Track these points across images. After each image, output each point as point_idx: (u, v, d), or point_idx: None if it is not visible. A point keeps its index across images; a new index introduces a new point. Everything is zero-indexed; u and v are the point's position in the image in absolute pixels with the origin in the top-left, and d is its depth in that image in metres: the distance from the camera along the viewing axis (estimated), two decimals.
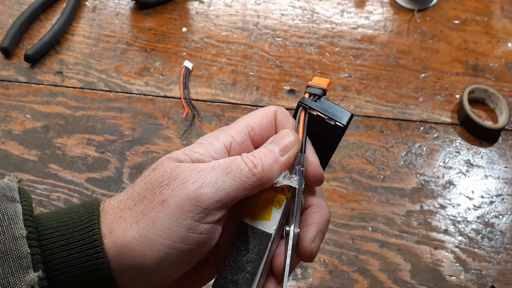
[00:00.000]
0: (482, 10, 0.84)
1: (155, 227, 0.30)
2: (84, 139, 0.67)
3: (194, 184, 0.31)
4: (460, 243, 0.62)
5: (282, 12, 0.82)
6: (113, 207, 0.32)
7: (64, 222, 0.32)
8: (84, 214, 0.32)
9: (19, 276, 0.29)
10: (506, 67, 0.78)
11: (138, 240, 0.31)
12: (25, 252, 0.30)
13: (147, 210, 0.31)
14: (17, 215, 0.31)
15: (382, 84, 0.75)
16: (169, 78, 0.73)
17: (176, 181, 0.31)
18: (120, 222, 0.31)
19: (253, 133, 0.35)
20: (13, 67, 0.73)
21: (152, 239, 0.30)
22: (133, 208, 0.32)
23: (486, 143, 0.71)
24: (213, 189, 0.31)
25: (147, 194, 0.31)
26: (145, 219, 0.31)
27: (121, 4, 0.80)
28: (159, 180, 0.32)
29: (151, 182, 0.32)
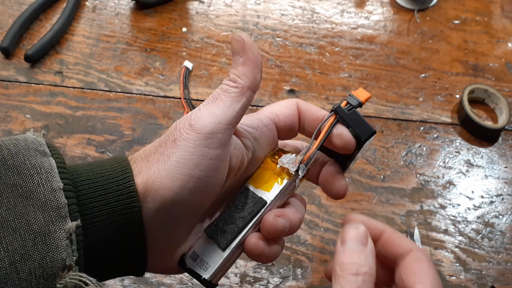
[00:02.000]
0: (482, 10, 0.84)
1: (171, 160, 0.35)
2: (84, 139, 0.67)
3: (195, 119, 0.36)
4: (460, 243, 0.62)
5: (282, 12, 0.82)
6: (141, 155, 0.37)
7: (101, 174, 0.35)
8: (119, 167, 0.36)
9: (59, 225, 0.32)
10: (506, 67, 0.78)
11: (158, 173, 0.34)
12: (63, 203, 0.32)
13: (164, 150, 0.35)
14: (52, 168, 0.33)
15: (382, 84, 0.75)
16: (169, 78, 0.73)
17: (199, 112, 0.36)
18: (146, 165, 0.36)
19: (278, 119, 0.41)
20: (13, 67, 0.73)
21: (169, 170, 0.34)
22: (156, 151, 0.36)
23: (486, 143, 0.71)
24: (211, 116, 0.36)
25: (166, 139, 0.36)
26: (163, 156, 0.35)
27: (121, 4, 0.80)
28: (173, 128, 0.36)
29: (169, 132, 0.36)
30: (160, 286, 0.56)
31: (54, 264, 0.31)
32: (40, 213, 0.31)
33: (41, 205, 0.32)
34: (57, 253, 0.31)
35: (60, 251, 0.31)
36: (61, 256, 0.31)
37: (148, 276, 0.57)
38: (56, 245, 0.31)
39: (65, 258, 0.31)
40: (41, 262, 0.31)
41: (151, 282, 0.57)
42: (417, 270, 0.37)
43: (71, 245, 0.32)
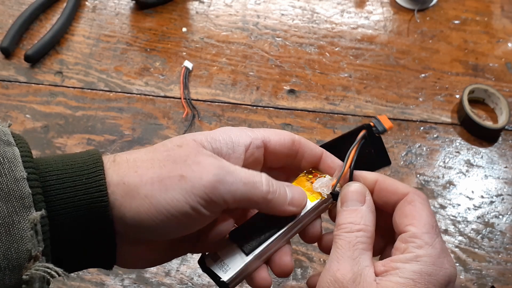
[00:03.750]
0: (482, 10, 0.84)
1: (167, 194, 0.34)
2: (84, 139, 0.67)
3: (214, 176, 0.34)
4: (460, 243, 0.62)
5: (282, 12, 0.82)
6: (129, 161, 0.35)
7: (70, 166, 0.34)
8: (90, 160, 0.35)
9: (23, 215, 0.31)
10: (506, 67, 0.78)
11: (149, 199, 0.34)
12: (27, 193, 0.31)
13: (165, 178, 0.34)
14: (15, 158, 0.32)
15: (382, 84, 0.75)
16: (169, 78, 0.73)
17: (199, 166, 0.35)
18: (134, 177, 0.34)
19: (269, 144, 0.40)
20: (13, 67, 0.73)
21: (160, 203, 0.34)
22: (151, 169, 0.35)
23: (486, 143, 0.71)
24: (228, 189, 0.35)
25: (169, 165, 0.35)
26: (161, 184, 0.34)
27: (121, 4, 0.80)
28: (183, 157, 0.35)
29: (175, 156, 0.35)
30: (160, 286, 0.56)
31: (19, 255, 0.31)
32: (3, 204, 0.31)
33: (4, 196, 0.31)
34: (22, 244, 0.31)
35: (25, 241, 0.31)
36: (26, 246, 0.31)
37: (148, 276, 0.57)
38: (21, 235, 0.31)
39: (31, 249, 0.31)
40: (5, 253, 0.30)
41: (151, 282, 0.57)
42: (409, 212, 0.38)
43: (36, 236, 0.31)
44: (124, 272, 0.57)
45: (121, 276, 0.57)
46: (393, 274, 0.35)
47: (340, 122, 0.71)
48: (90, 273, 0.57)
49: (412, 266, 0.35)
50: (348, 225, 0.37)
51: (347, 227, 0.37)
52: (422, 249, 0.35)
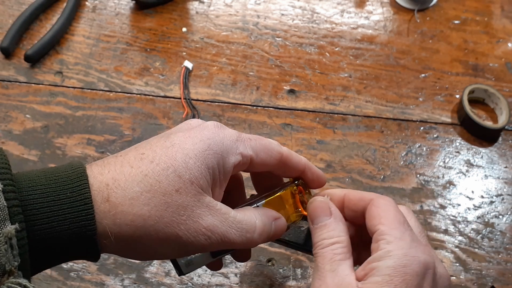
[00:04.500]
0: (482, 10, 0.84)
1: (161, 249, 0.35)
2: (84, 139, 0.67)
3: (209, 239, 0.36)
4: (460, 243, 0.62)
5: (282, 12, 0.82)
6: (124, 204, 0.34)
7: (54, 180, 0.33)
8: (74, 174, 0.34)
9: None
10: (506, 67, 0.78)
11: (143, 249, 0.35)
12: (2, 205, 0.30)
13: (160, 233, 0.34)
14: None
15: (382, 84, 0.75)
16: (169, 78, 0.73)
17: (196, 225, 0.35)
18: (130, 227, 0.34)
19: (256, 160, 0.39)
20: (13, 67, 0.73)
21: (153, 253, 0.36)
22: (148, 220, 0.34)
23: (486, 143, 0.71)
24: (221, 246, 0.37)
25: (166, 216, 0.34)
26: (157, 238, 0.34)
27: (121, 4, 0.80)
28: (181, 210, 0.34)
29: (173, 205, 0.34)
30: (160, 286, 0.56)
31: None
32: None
33: None
34: None
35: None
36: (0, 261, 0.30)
37: (148, 276, 0.57)
38: None
39: (4, 263, 0.30)
40: None
41: (151, 282, 0.57)
42: (376, 213, 0.39)
43: (11, 250, 0.30)
44: (124, 272, 0.57)
45: (121, 276, 0.57)
46: (372, 275, 0.35)
47: (340, 122, 0.71)
48: (90, 273, 0.57)
49: (386, 262, 0.35)
50: (322, 242, 0.38)
51: (321, 244, 0.38)
52: (392, 244, 0.36)
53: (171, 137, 0.36)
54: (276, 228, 0.40)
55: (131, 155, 0.35)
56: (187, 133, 0.37)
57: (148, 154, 0.35)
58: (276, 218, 0.41)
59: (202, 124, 0.38)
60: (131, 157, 0.35)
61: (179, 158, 0.35)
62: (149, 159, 0.35)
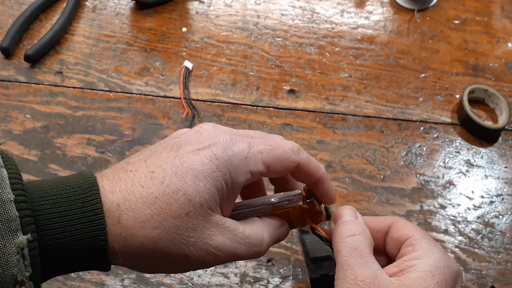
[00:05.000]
0: (482, 10, 0.84)
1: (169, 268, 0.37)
2: (84, 139, 0.67)
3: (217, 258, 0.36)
4: (460, 243, 0.62)
5: (282, 12, 0.82)
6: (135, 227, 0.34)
7: (65, 190, 0.34)
8: (85, 184, 0.34)
9: (9, 239, 0.30)
10: (506, 67, 0.78)
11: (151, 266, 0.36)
12: (13, 216, 0.31)
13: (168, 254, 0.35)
14: (3, 179, 0.31)
15: (382, 84, 0.75)
16: (169, 78, 0.73)
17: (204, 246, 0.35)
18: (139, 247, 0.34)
19: (265, 174, 0.38)
20: (13, 67, 0.73)
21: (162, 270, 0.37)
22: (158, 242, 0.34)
23: (486, 143, 0.71)
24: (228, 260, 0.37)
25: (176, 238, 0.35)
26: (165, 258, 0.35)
27: (121, 4, 0.80)
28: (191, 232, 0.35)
29: (182, 228, 0.35)
30: (160, 286, 0.56)
31: (4, 280, 0.30)
32: None
33: None
34: (7, 269, 0.30)
35: (10, 266, 0.30)
36: (11, 271, 0.30)
37: (148, 276, 0.57)
38: (6, 260, 0.30)
39: (16, 274, 0.30)
40: None
41: (151, 282, 0.57)
42: (406, 225, 0.40)
43: (23, 260, 0.30)
44: (124, 272, 0.57)
45: (121, 276, 0.57)
46: (410, 272, 0.36)
47: (340, 122, 0.71)
48: (90, 273, 0.57)
49: (427, 260, 0.36)
50: (349, 231, 0.38)
51: (348, 232, 0.38)
52: (430, 247, 0.37)
53: (180, 152, 0.36)
54: (280, 236, 0.41)
55: (141, 172, 0.35)
56: (196, 148, 0.36)
57: (158, 174, 0.35)
58: (279, 224, 0.41)
59: (212, 137, 0.37)
60: (141, 175, 0.35)
61: (189, 180, 0.35)
62: (159, 180, 0.35)
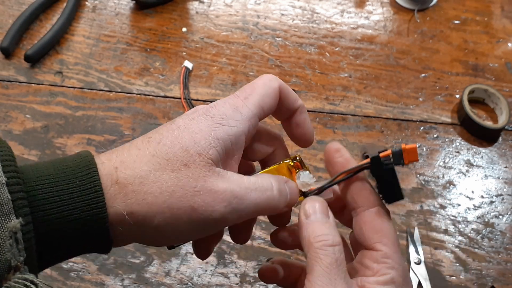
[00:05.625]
0: (482, 10, 0.84)
1: (178, 227, 0.34)
2: (84, 139, 0.67)
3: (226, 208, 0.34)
4: (460, 243, 0.62)
5: (282, 12, 0.82)
6: (134, 184, 0.33)
7: (62, 170, 0.33)
8: (82, 162, 0.33)
9: (1, 223, 0.29)
10: (506, 67, 0.78)
11: (159, 230, 0.34)
12: (6, 199, 0.30)
13: (175, 209, 0.33)
14: None
15: (382, 84, 0.75)
16: (169, 78, 0.73)
17: (210, 195, 0.34)
18: (143, 206, 0.33)
19: (262, 114, 0.38)
20: (13, 67, 0.73)
21: (170, 234, 0.34)
22: (160, 197, 0.33)
23: (486, 143, 0.71)
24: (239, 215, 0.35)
25: (178, 191, 0.33)
26: (172, 215, 0.33)
27: (121, 4, 0.80)
28: (193, 184, 0.33)
29: (183, 180, 0.33)
30: (160, 286, 0.56)
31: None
32: None
33: None
34: (0, 254, 0.29)
35: (3, 251, 0.29)
36: (5, 256, 0.29)
37: (148, 276, 0.57)
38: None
39: (10, 259, 0.29)
40: None
41: (151, 282, 0.57)
42: (379, 227, 0.37)
43: (16, 245, 0.30)
44: (124, 272, 0.57)
45: (121, 276, 0.57)
46: None
47: (340, 122, 0.71)
48: (90, 273, 0.57)
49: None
50: (329, 237, 0.35)
51: (329, 240, 0.35)
52: (395, 271, 0.35)
53: (177, 120, 0.36)
54: (291, 192, 0.38)
55: (138, 140, 0.36)
56: (191, 116, 0.36)
57: (155, 137, 0.35)
58: (285, 180, 0.39)
59: (205, 108, 0.37)
60: (138, 141, 0.35)
61: (185, 136, 0.35)
62: (156, 141, 0.35)
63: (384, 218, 0.37)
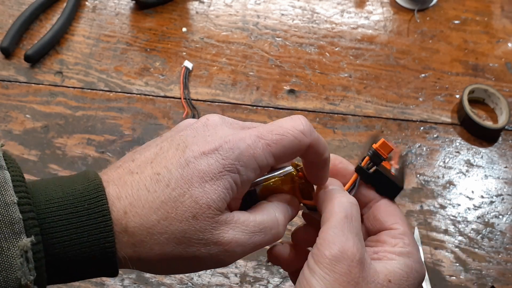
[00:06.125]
0: (482, 10, 0.84)
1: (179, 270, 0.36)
2: (84, 139, 0.67)
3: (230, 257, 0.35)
4: (460, 243, 0.62)
5: (282, 12, 0.82)
6: (142, 234, 0.33)
7: (71, 192, 0.33)
8: (90, 186, 0.33)
9: (12, 242, 0.30)
10: (506, 67, 0.78)
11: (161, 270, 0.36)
12: (17, 218, 0.30)
13: (178, 259, 0.34)
14: (6, 182, 0.31)
15: (382, 84, 0.75)
16: (169, 78, 0.73)
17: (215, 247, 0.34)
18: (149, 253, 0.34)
19: (275, 164, 0.37)
20: (13, 67, 0.73)
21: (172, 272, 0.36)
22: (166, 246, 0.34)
23: (486, 143, 0.71)
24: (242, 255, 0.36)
25: (184, 241, 0.34)
26: (176, 263, 0.35)
27: (121, 4, 0.80)
28: (199, 235, 0.34)
29: (190, 232, 0.34)
30: (160, 286, 0.56)
31: (7, 284, 0.29)
32: None
33: None
34: (10, 272, 0.29)
35: (14, 270, 0.30)
36: (15, 275, 0.30)
37: (148, 276, 0.57)
38: (10, 263, 0.30)
39: (20, 277, 0.30)
40: None
41: (151, 282, 0.57)
42: (393, 211, 0.40)
43: (27, 264, 0.30)
44: (124, 272, 0.57)
45: (121, 276, 0.57)
46: (389, 263, 0.36)
47: (340, 122, 0.71)
48: None
49: (406, 261, 0.37)
50: (345, 197, 0.37)
51: (345, 198, 0.37)
52: (411, 247, 0.38)
53: (187, 153, 0.34)
54: (292, 212, 0.39)
55: (147, 174, 0.34)
56: (202, 150, 0.35)
57: (164, 176, 0.34)
58: (288, 200, 0.39)
59: (219, 137, 0.35)
60: (147, 177, 0.34)
61: (195, 182, 0.34)
62: (165, 183, 0.34)
63: (395, 206, 0.40)
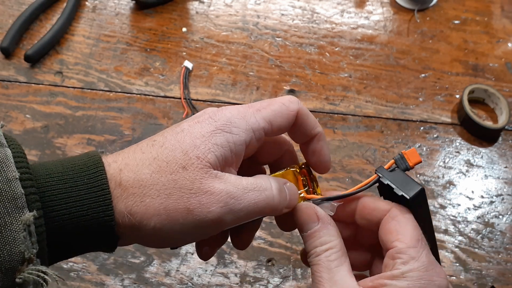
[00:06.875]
0: (482, 10, 0.84)
1: (174, 227, 0.34)
2: (84, 139, 0.67)
3: (223, 208, 0.34)
4: (460, 243, 0.62)
5: (282, 12, 0.82)
6: (134, 186, 0.34)
7: (71, 168, 0.34)
8: (90, 161, 0.34)
9: (15, 216, 0.31)
10: (506, 67, 0.78)
11: (156, 231, 0.34)
12: (19, 193, 0.31)
13: (171, 210, 0.34)
14: (7, 158, 0.32)
15: (382, 84, 0.75)
16: (169, 78, 0.73)
17: (206, 196, 0.34)
18: (141, 207, 0.34)
19: (270, 130, 0.38)
20: (13, 67, 0.73)
21: (167, 235, 0.34)
22: (157, 199, 0.34)
23: (486, 143, 0.71)
24: (236, 216, 0.35)
25: (175, 193, 0.34)
26: (168, 217, 0.34)
27: (121, 4, 0.80)
28: (189, 185, 0.34)
29: (180, 182, 0.34)
30: (160, 286, 0.56)
31: (12, 258, 0.30)
32: None
33: None
34: (14, 246, 0.30)
35: (17, 243, 0.30)
36: (19, 249, 0.30)
37: (148, 276, 0.57)
38: (13, 237, 0.30)
39: (24, 251, 0.30)
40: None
41: (151, 282, 0.57)
42: (394, 228, 0.37)
43: (30, 237, 0.31)
44: (124, 272, 0.57)
45: (121, 276, 0.57)
46: None
47: (340, 122, 0.71)
48: (90, 273, 0.57)
49: (399, 283, 0.35)
50: (314, 250, 0.37)
51: (314, 253, 0.37)
52: (408, 265, 0.35)
53: (183, 123, 0.37)
54: (290, 192, 0.39)
55: (144, 142, 0.37)
56: (196, 119, 0.37)
57: (159, 140, 0.36)
58: (285, 182, 0.39)
59: (213, 111, 0.38)
60: (143, 144, 0.36)
61: (187, 140, 0.35)
62: (159, 144, 0.36)
63: (398, 218, 0.38)
